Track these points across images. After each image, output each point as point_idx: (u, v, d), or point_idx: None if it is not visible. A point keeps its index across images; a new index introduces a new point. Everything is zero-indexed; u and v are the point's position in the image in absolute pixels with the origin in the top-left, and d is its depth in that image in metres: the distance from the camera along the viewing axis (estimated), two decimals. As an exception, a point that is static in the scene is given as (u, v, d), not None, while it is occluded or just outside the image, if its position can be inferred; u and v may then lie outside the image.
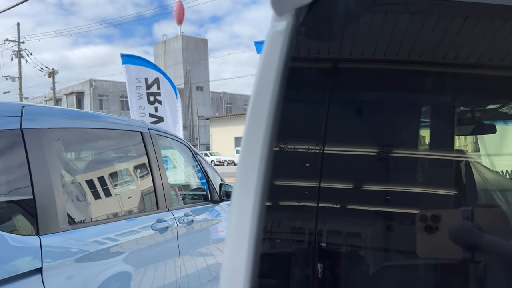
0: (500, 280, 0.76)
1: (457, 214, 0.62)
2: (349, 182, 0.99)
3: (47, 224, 1.75)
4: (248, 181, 0.75)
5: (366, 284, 0.86)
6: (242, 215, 0.73)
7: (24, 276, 1.62)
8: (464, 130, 1.77)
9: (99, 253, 2.03)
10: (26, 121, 1.79)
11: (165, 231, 2.59)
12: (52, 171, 1.83)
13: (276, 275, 0.81)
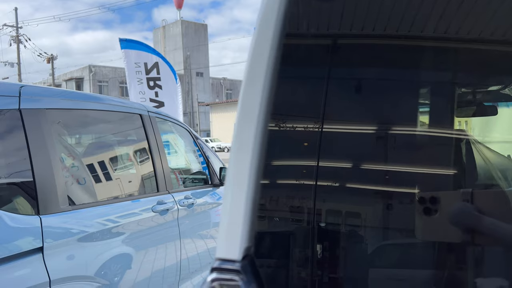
0: (497, 261, 0.77)
1: (457, 196, 0.61)
2: (347, 161, 0.99)
3: (47, 204, 1.75)
4: (243, 161, 0.75)
5: (365, 261, 0.87)
6: (237, 190, 0.73)
7: (26, 255, 1.63)
8: (465, 112, 1.76)
9: (100, 234, 2.04)
10: (25, 102, 1.78)
11: (165, 213, 2.61)
12: (51, 151, 1.82)
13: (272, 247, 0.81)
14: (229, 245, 0.73)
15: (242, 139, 0.77)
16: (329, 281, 0.79)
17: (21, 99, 1.77)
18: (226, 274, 0.73)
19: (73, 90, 2.96)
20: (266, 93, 0.79)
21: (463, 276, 0.87)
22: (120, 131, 2.59)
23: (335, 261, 0.85)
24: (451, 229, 0.58)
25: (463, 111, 1.69)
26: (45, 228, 1.71)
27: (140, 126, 2.62)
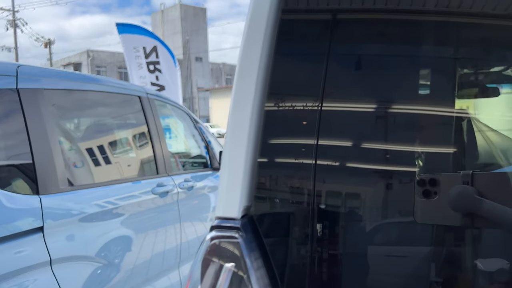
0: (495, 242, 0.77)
1: (457, 178, 0.60)
2: (347, 140, 0.98)
3: (46, 185, 1.75)
4: (240, 138, 0.74)
5: (364, 239, 0.87)
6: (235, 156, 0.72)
7: (26, 235, 1.64)
8: (467, 93, 1.74)
9: (100, 215, 2.05)
10: (22, 81, 1.76)
11: (165, 196, 2.61)
12: (50, 132, 1.81)
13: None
14: (228, 203, 0.73)
15: (238, 118, 0.76)
16: (328, 239, 0.80)
17: (19, 79, 1.75)
18: (226, 232, 0.73)
19: (71, 71, 2.90)
20: (263, 71, 0.78)
21: (462, 252, 0.87)
22: (119, 113, 2.57)
23: (332, 219, 0.85)
24: (451, 213, 0.57)
25: (465, 92, 1.68)
26: (45, 208, 1.71)
27: (139, 108, 2.61)
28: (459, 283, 0.85)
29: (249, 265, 0.68)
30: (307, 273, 0.74)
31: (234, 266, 0.69)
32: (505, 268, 0.52)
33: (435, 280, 0.86)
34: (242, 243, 0.70)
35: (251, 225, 0.74)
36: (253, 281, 0.68)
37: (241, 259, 0.70)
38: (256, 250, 0.72)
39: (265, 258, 0.72)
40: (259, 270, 0.70)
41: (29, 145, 1.72)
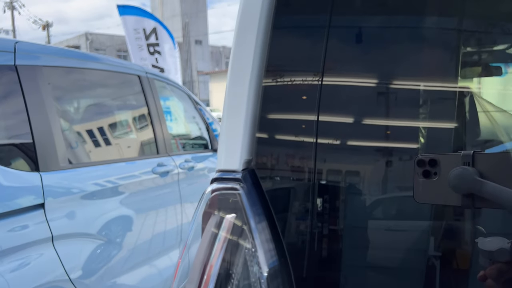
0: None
1: (457, 159, 0.59)
2: (347, 116, 0.97)
3: (47, 162, 1.75)
4: (237, 115, 0.74)
5: (364, 212, 0.87)
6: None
7: (27, 211, 1.64)
8: (470, 70, 1.72)
9: (100, 193, 2.06)
10: (20, 58, 1.75)
11: (165, 175, 2.62)
12: (49, 109, 1.81)
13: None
14: (229, 156, 0.73)
15: (235, 94, 0.75)
16: (330, 196, 0.80)
17: (17, 55, 1.73)
18: (227, 183, 0.73)
19: (70, 49, 2.85)
20: (260, 45, 0.77)
21: (461, 227, 0.87)
22: (118, 92, 2.56)
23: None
24: (451, 193, 0.57)
25: (468, 69, 1.66)
26: (45, 185, 1.71)
27: (138, 87, 2.59)
28: (457, 257, 0.85)
29: (250, 216, 0.69)
30: (308, 227, 0.74)
31: (235, 218, 0.70)
32: (506, 248, 0.52)
33: (434, 254, 0.87)
34: (243, 195, 0.70)
35: (252, 178, 0.73)
36: (254, 232, 0.68)
37: (242, 210, 0.70)
38: (257, 202, 0.72)
39: (267, 211, 0.72)
40: (261, 222, 0.70)
41: (28, 122, 1.71)
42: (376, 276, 0.79)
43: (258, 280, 0.68)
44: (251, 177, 0.74)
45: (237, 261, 0.70)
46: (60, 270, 1.74)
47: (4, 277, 1.51)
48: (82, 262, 1.88)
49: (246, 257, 0.69)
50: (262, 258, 0.68)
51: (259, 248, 0.68)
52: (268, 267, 0.67)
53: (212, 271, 0.69)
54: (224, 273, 0.69)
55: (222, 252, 0.70)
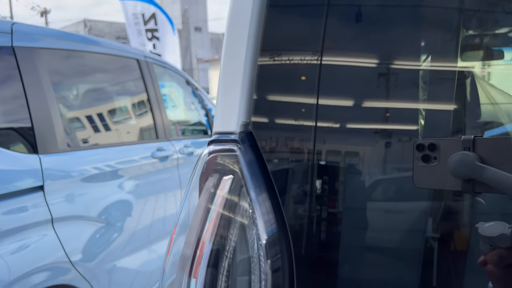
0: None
1: (457, 143, 0.58)
2: (347, 98, 0.96)
3: (45, 144, 1.75)
4: (232, 96, 0.73)
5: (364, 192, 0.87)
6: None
7: (27, 193, 1.65)
8: (471, 52, 1.70)
9: (100, 176, 2.06)
10: (17, 39, 1.73)
11: (165, 160, 2.62)
12: (47, 91, 1.80)
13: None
14: (226, 118, 0.72)
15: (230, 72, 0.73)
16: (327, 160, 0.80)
17: (14, 37, 1.72)
18: (224, 145, 0.72)
19: (68, 32, 2.81)
20: (255, 22, 0.75)
21: (460, 207, 0.87)
22: (116, 75, 2.54)
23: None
24: (451, 178, 0.56)
25: (469, 51, 1.64)
26: (44, 167, 1.71)
27: (137, 71, 2.57)
28: (456, 239, 0.86)
29: (248, 178, 0.68)
30: (308, 191, 0.74)
31: (233, 179, 0.69)
32: (506, 233, 0.52)
33: (432, 236, 0.87)
34: (241, 156, 0.70)
35: (250, 140, 0.73)
36: (251, 193, 0.68)
37: (240, 172, 0.70)
38: (255, 164, 0.72)
39: (265, 173, 0.72)
40: (259, 184, 0.70)
41: (26, 104, 1.70)
42: (375, 241, 0.79)
43: (255, 241, 0.68)
44: (248, 139, 0.73)
45: (234, 222, 0.70)
46: (61, 252, 1.76)
47: (4, 258, 1.52)
48: (82, 245, 1.89)
49: (244, 218, 0.69)
50: (260, 218, 0.68)
51: (257, 209, 0.68)
52: (265, 230, 0.67)
53: (209, 233, 0.69)
54: (221, 234, 0.69)
55: (220, 213, 0.69)
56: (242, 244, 0.69)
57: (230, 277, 0.68)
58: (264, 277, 0.66)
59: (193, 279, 0.68)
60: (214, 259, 0.68)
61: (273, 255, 0.68)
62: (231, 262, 0.68)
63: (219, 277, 0.68)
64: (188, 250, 0.70)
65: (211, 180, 0.71)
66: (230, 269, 0.68)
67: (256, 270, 0.67)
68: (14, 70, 1.69)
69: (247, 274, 0.67)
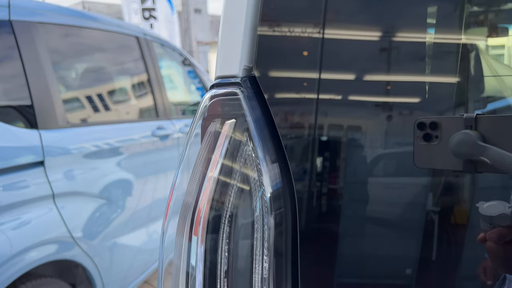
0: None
1: (459, 121, 0.57)
2: (349, 72, 0.95)
3: (45, 120, 1.74)
4: (234, 38, 0.70)
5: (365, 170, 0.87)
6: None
7: (27, 168, 1.64)
8: (475, 25, 1.67)
9: (100, 153, 2.06)
10: (15, 13, 1.70)
11: (165, 139, 2.61)
12: (46, 66, 1.78)
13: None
14: (228, 61, 0.70)
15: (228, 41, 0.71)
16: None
17: (11, 10, 1.69)
18: (226, 88, 0.70)
19: (67, 7, 2.76)
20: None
21: (461, 181, 0.87)
22: (116, 52, 2.51)
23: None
24: (452, 157, 0.55)
25: (473, 24, 1.62)
26: (45, 143, 1.71)
27: (137, 49, 2.54)
28: (455, 212, 0.86)
29: (251, 122, 0.67)
30: (310, 142, 0.73)
31: (235, 123, 0.68)
32: (506, 213, 0.52)
33: (432, 209, 0.87)
34: (243, 100, 0.68)
35: (253, 84, 0.71)
36: (255, 139, 0.66)
37: (243, 116, 0.68)
38: (258, 109, 0.70)
39: (269, 119, 0.70)
40: (261, 129, 0.68)
41: (25, 78, 1.68)
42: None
43: (258, 184, 0.67)
44: (251, 84, 0.71)
45: (237, 166, 0.68)
46: (63, 227, 1.77)
47: (5, 232, 1.53)
48: (83, 221, 1.90)
49: (247, 163, 0.68)
50: (263, 163, 0.66)
51: (260, 154, 0.67)
52: (269, 175, 0.66)
53: (212, 179, 0.69)
54: (223, 180, 0.69)
55: (222, 158, 0.68)
56: (245, 192, 0.68)
57: (232, 225, 0.68)
58: (266, 221, 0.65)
59: (195, 226, 0.67)
60: (217, 206, 0.67)
61: (277, 207, 0.67)
62: (234, 210, 0.68)
63: (221, 225, 0.68)
64: (189, 198, 0.69)
65: (213, 125, 0.69)
66: (232, 218, 0.68)
67: (259, 219, 0.66)
68: (12, 44, 1.67)
69: (250, 218, 0.66)
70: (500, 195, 0.78)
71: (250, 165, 0.67)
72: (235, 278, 0.68)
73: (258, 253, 0.65)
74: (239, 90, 0.68)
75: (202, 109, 0.71)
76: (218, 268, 0.67)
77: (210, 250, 0.67)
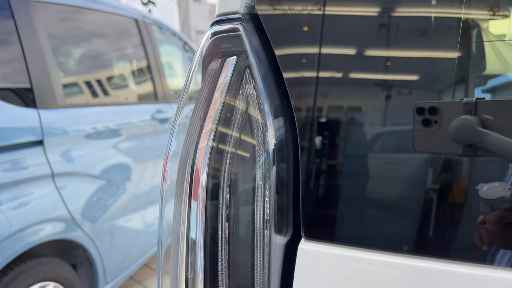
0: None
1: (459, 106, 0.56)
2: (350, 48, 0.94)
3: (44, 99, 1.73)
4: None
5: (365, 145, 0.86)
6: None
7: (27, 146, 1.64)
8: (477, 5, 1.66)
9: (100, 134, 2.05)
10: (13, -9, 1.68)
11: (165, 122, 2.60)
12: (44, 45, 1.76)
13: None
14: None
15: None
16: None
17: (9, -12, 1.67)
18: (228, 24, 0.68)
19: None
20: None
21: (460, 159, 0.87)
22: (114, 34, 2.49)
23: None
24: (452, 142, 0.55)
25: (474, 4, 1.60)
26: (44, 122, 1.70)
27: (135, 31, 2.53)
28: (454, 190, 0.86)
29: (253, 60, 0.66)
30: (313, 92, 0.72)
31: (237, 60, 0.67)
32: (506, 196, 0.52)
33: (431, 187, 0.87)
34: (245, 36, 0.67)
35: (255, 22, 0.69)
36: (256, 77, 0.65)
37: (244, 53, 0.67)
38: (261, 47, 0.68)
39: (271, 58, 0.69)
40: (264, 68, 0.67)
41: (24, 57, 1.67)
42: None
43: (260, 127, 0.66)
44: (253, 21, 0.69)
45: (238, 107, 0.68)
46: (62, 207, 1.77)
47: (4, 211, 1.53)
48: (82, 201, 1.90)
49: (249, 101, 0.67)
50: (266, 102, 0.66)
51: (262, 92, 0.66)
52: (271, 113, 0.66)
53: (213, 119, 0.68)
54: (224, 118, 0.68)
55: (223, 96, 0.67)
56: (246, 127, 0.68)
57: (233, 162, 0.67)
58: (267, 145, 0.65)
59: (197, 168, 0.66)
60: (218, 142, 0.66)
61: (279, 141, 0.65)
62: (236, 147, 0.67)
63: (222, 167, 0.67)
64: (189, 137, 0.68)
65: (214, 64, 0.68)
66: (234, 157, 0.67)
67: (261, 153, 0.65)
68: (10, 22, 1.65)
69: (252, 157, 0.66)
70: (500, 172, 0.78)
71: (252, 103, 0.66)
72: (236, 223, 0.68)
73: (260, 194, 0.65)
74: (241, 26, 0.67)
75: (202, 48, 0.70)
76: (220, 210, 0.67)
77: (211, 190, 0.67)
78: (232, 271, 0.69)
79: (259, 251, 0.66)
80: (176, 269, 0.72)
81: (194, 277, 0.70)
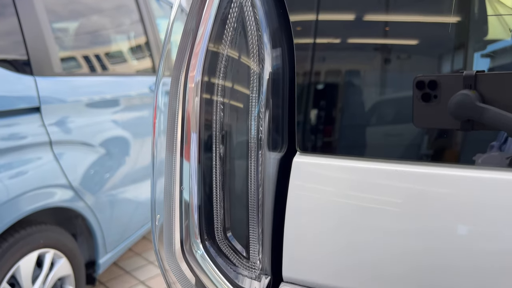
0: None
1: (458, 80, 0.55)
2: (347, 14, 0.92)
3: (40, 67, 1.72)
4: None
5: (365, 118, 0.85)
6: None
7: (24, 113, 1.64)
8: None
9: (97, 104, 2.05)
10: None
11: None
12: (40, 15, 1.74)
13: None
14: None
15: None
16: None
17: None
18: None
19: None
20: None
21: (458, 133, 0.86)
22: (112, 6, 2.45)
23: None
24: (450, 118, 0.54)
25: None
26: (40, 89, 1.69)
27: (133, 3, 2.49)
28: (447, 154, 0.85)
29: None
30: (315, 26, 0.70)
31: None
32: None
33: (425, 153, 0.87)
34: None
35: None
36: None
37: None
38: None
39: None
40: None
41: (19, 24, 1.65)
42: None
43: (255, 35, 0.65)
44: None
45: (231, 17, 0.66)
46: (59, 174, 1.78)
47: (1, 179, 1.53)
48: (81, 170, 1.91)
49: (243, 8, 0.66)
50: (261, 12, 0.65)
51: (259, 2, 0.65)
52: (265, 18, 0.64)
53: (204, 38, 0.67)
54: (216, 41, 0.67)
55: (212, 20, 0.67)
56: (242, 48, 0.67)
57: (225, 81, 0.67)
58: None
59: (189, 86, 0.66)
60: (210, 59, 0.66)
61: (275, 58, 0.64)
62: (227, 62, 0.66)
63: (216, 82, 0.66)
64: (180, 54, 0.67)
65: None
66: (225, 74, 0.67)
67: (254, 72, 0.64)
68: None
69: (247, 76, 0.65)
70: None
71: (246, 10, 0.64)
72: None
73: (254, 109, 0.65)
74: None
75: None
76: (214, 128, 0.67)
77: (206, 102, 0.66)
78: (226, 190, 0.70)
79: (253, 166, 0.67)
80: (170, 183, 0.72)
81: (189, 193, 0.70)
